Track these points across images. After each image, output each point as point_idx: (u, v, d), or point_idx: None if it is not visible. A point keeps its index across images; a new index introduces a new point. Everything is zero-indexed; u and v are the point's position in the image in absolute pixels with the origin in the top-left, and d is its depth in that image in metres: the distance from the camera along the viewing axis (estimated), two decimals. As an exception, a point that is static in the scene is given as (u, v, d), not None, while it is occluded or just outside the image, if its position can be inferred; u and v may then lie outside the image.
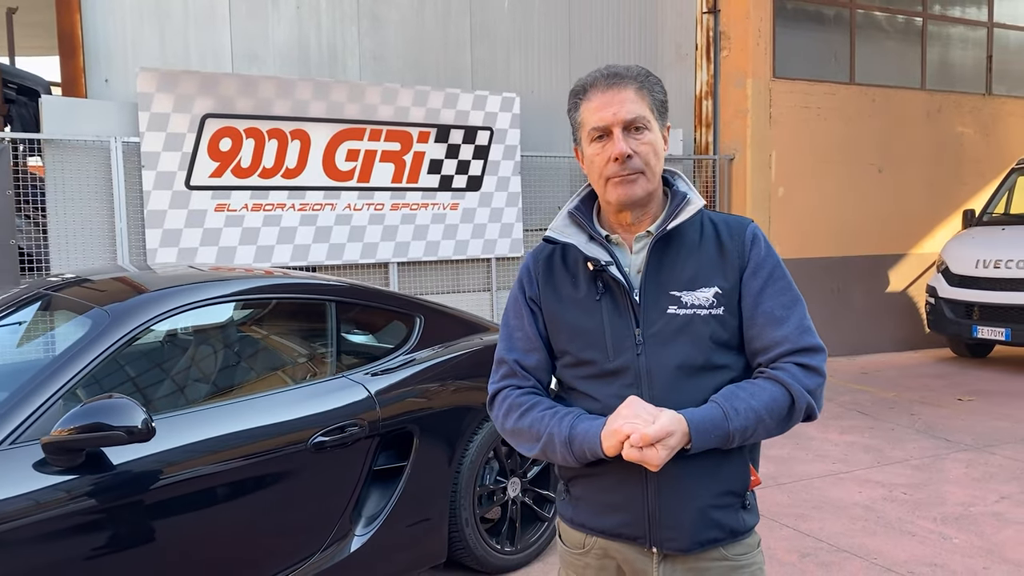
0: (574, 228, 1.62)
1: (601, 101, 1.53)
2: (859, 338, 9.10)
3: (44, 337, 2.83)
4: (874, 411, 6.55)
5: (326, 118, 6.52)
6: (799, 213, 8.73)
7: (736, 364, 1.57)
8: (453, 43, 7.49)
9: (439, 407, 3.33)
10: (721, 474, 1.54)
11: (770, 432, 1.53)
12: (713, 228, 1.60)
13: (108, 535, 2.42)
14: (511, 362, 1.65)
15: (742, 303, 1.56)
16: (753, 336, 1.56)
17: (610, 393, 1.51)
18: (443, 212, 7.06)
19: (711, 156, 8.68)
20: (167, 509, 2.53)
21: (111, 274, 3.30)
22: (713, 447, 1.48)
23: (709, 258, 1.57)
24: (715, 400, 1.50)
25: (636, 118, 1.52)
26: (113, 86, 6.21)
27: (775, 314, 1.55)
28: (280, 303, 3.30)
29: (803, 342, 1.55)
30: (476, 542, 3.41)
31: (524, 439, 1.60)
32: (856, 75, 9.17)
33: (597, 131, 1.53)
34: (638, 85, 1.54)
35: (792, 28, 8.83)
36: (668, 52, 8.56)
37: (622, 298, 1.55)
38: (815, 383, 1.54)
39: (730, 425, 1.47)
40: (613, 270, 1.54)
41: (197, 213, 6.14)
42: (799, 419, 1.56)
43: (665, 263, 1.56)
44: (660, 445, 1.41)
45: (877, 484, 4.76)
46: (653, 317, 1.53)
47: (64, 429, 2.29)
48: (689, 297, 1.53)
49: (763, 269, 1.57)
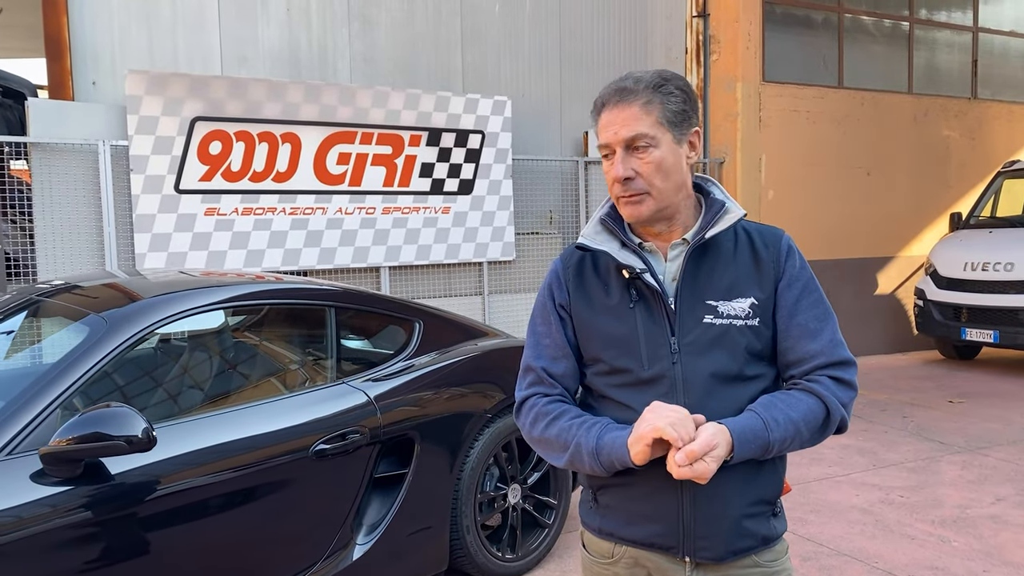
0: (606, 235, 1.61)
1: (607, 119, 1.52)
2: (848, 341, 8.75)
3: (39, 345, 2.77)
4: (867, 414, 6.58)
5: (317, 121, 6.46)
6: (789, 216, 8.75)
7: (768, 374, 1.58)
8: (444, 46, 7.46)
9: (440, 413, 3.29)
10: (756, 483, 1.53)
11: (804, 443, 1.53)
12: (747, 237, 1.60)
13: (107, 547, 2.36)
14: (539, 369, 1.63)
15: (776, 315, 1.56)
16: (787, 348, 1.56)
17: (645, 401, 1.48)
18: (435, 216, 7.02)
19: (701, 159, 8.69)
20: (167, 519, 2.48)
21: (102, 280, 3.24)
22: (751, 457, 1.47)
23: (745, 268, 1.56)
24: (754, 410, 1.49)
25: (636, 136, 1.49)
26: (101, 89, 6.13)
27: (809, 327, 1.56)
28: (279, 309, 3.26)
29: (837, 355, 1.56)
30: (477, 549, 3.38)
31: (551, 449, 1.58)
32: (844, 79, 9.22)
33: (604, 149, 1.53)
34: (646, 99, 1.50)
35: (781, 32, 8.88)
36: (658, 55, 8.56)
37: (657, 306, 1.53)
38: (848, 396, 1.56)
39: (770, 435, 1.46)
40: (648, 277, 1.53)
41: (187, 217, 6.06)
42: (832, 431, 1.56)
43: (702, 272, 1.55)
44: (709, 457, 1.39)
45: (874, 487, 4.76)
46: (689, 326, 1.52)
47: (63, 439, 2.23)
48: (726, 307, 1.53)
49: (798, 282, 1.58)
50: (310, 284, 3.38)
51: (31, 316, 3.07)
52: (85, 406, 2.46)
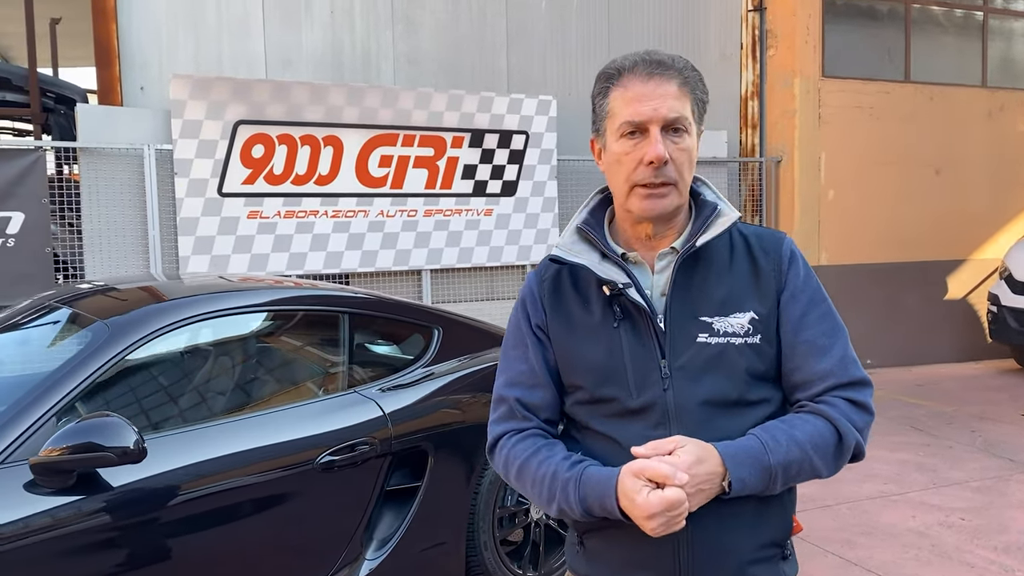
0: (584, 245, 1.43)
1: (640, 91, 1.32)
2: (914, 348, 8.68)
3: (46, 350, 2.75)
4: (930, 426, 6.19)
5: (359, 124, 6.43)
6: (850, 217, 8.37)
7: (775, 398, 1.39)
8: (489, 46, 7.35)
9: (456, 424, 3.17)
10: (763, 523, 1.35)
11: (816, 471, 1.34)
12: (744, 243, 1.41)
13: (103, 561, 2.32)
14: (511, 400, 1.46)
15: (780, 330, 1.38)
16: (793, 368, 1.38)
17: (633, 434, 1.32)
18: (477, 218, 6.92)
19: (757, 159, 8.38)
20: (165, 533, 2.42)
21: (137, 283, 3.23)
22: (753, 490, 1.29)
23: (742, 279, 1.38)
24: (751, 432, 1.33)
25: (678, 118, 1.32)
26: (148, 94, 6.22)
27: (817, 343, 1.37)
28: (290, 316, 3.19)
29: (849, 375, 1.37)
30: (496, 567, 3.24)
31: (533, 497, 1.42)
32: (912, 73, 8.76)
33: (630, 126, 1.33)
34: (682, 80, 1.34)
35: (842, 25, 8.48)
36: (712, 52, 8.29)
37: (644, 325, 1.36)
38: (864, 421, 1.36)
39: (771, 458, 1.29)
40: (633, 293, 1.35)
41: (230, 220, 6.10)
42: (847, 459, 1.37)
43: (694, 284, 1.37)
44: (683, 476, 1.23)
45: (933, 508, 4.45)
46: (681, 347, 1.34)
47: (54, 448, 2.19)
48: (721, 324, 1.35)
49: (803, 293, 1.39)
50: (324, 290, 3.30)
51: (49, 320, 3.07)
52: (87, 413, 2.42)
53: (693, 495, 1.24)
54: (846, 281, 8.37)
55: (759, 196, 8.38)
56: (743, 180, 8.42)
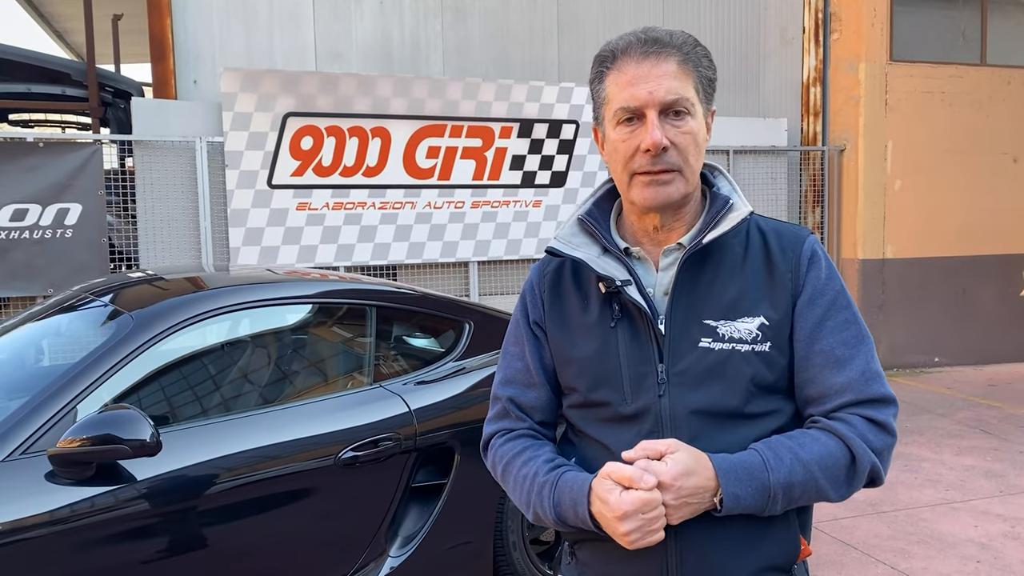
0: (584, 237, 1.34)
1: (634, 74, 1.22)
2: (987, 345, 8.24)
3: (75, 341, 2.79)
4: (1001, 430, 5.86)
5: (407, 115, 6.41)
6: (918, 208, 7.98)
7: (784, 411, 1.27)
8: (539, 35, 7.24)
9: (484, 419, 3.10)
10: (763, 545, 1.24)
11: (824, 494, 1.22)
12: (761, 240, 1.30)
13: (122, 554, 2.32)
14: (504, 399, 1.40)
15: (794, 338, 1.26)
16: (807, 380, 1.26)
17: (625, 441, 1.22)
18: (525, 210, 6.83)
19: (819, 147, 8.05)
20: (185, 528, 2.42)
21: (177, 274, 3.25)
22: (748, 509, 1.18)
23: (755, 279, 1.26)
24: (752, 447, 1.21)
25: (678, 100, 1.22)
26: (201, 87, 6.32)
27: (835, 354, 1.24)
28: (317, 309, 3.16)
29: (870, 391, 1.23)
30: (525, 567, 3.17)
31: (514, 500, 1.35)
32: (988, 55, 8.28)
33: (626, 112, 1.23)
34: (682, 57, 1.23)
35: (913, 5, 8.07)
36: (772, 36, 7.99)
37: (643, 326, 1.26)
38: (883, 443, 1.23)
39: (771, 476, 1.17)
40: (632, 291, 1.25)
41: (279, 212, 6.16)
42: (861, 483, 1.24)
43: (700, 284, 1.26)
44: (671, 487, 1.14)
45: (997, 517, 4.18)
46: (681, 351, 1.24)
47: (72, 440, 2.20)
48: (727, 328, 1.24)
49: (823, 296, 1.26)
50: (352, 283, 3.27)
51: (85, 311, 3.11)
52: (113, 404, 2.43)
53: (677, 507, 1.15)
54: (913, 276, 8.00)
55: (821, 186, 8.06)
56: (804, 170, 8.11)
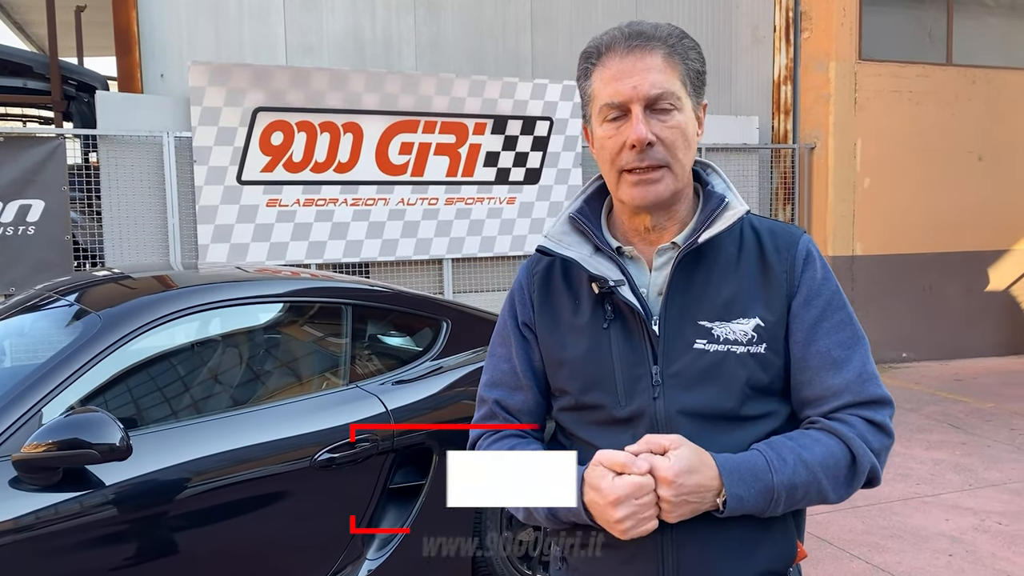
0: (576, 236, 1.32)
1: (618, 69, 1.20)
2: (953, 341, 8.39)
3: (40, 341, 2.70)
4: (968, 424, 5.95)
5: (379, 110, 6.34)
6: (887, 206, 8.09)
7: (779, 413, 1.26)
8: (512, 30, 7.20)
9: (463, 420, 3.06)
10: (760, 549, 1.23)
11: (824, 496, 1.21)
12: (755, 239, 1.28)
13: (91, 561, 2.25)
14: (491, 402, 1.37)
15: (790, 339, 1.25)
16: (803, 382, 1.25)
17: (619, 445, 1.20)
18: (500, 206, 6.80)
19: (790, 145, 8.13)
20: (156, 534, 2.35)
21: (144, 272, 3.16)
22: (750, 510, 1.17)
23: (749, 279, 1.25)
24: (755, 447, 1.20)
25: (662, 94, 1.19)
26: (169, 81, 6.19)
27: (832, 355, 1.23)
28: (290, 308, 3.10)
29: (868, 392, 1.23)
30: (505, 569, 3.14)
31: None
32: (954, 55, 8.42)
33: (611, 108, 1.21)
34: (667, 50, 1.21)
35: (881, 5, 8.17)
36: (744, 35, 8.03)
37: (637, 327, 1.24)
38: (881, 444, 1.23)
39: (775, 478, 1.16)
40: (625, 292, 1.23)
41: (249, 208, 6.06)
42: (860, 484, 1.24)
43: (694, 284, 1.25)
44: (671, 483, 1.12)
45: (967, 511, 4.24)
46: (676, 353, 1.22)
47: (38, 444, 2.13)
48: (722, 329, 1.22)
49: (819, 297, 1.25)
50: (326, 281, 3.21)
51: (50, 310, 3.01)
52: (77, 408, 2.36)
53: (677, 505, 1.13)
54: (882, 272, 8.11)
55: (792, 184, 8.14)
56: (775, 167, 8.18)
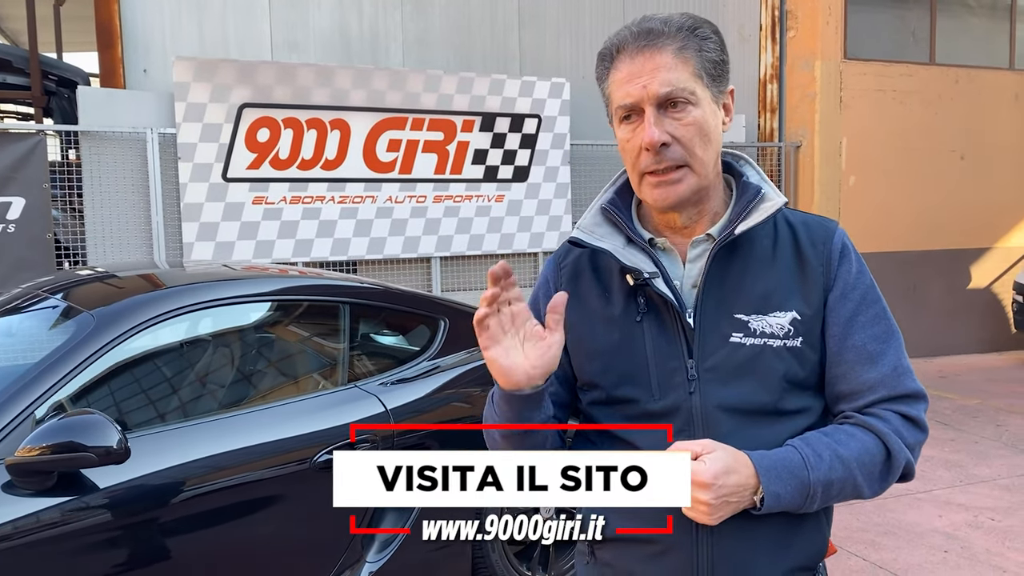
0: (608, 227, 1.30)
1: (629, 71, 1.18)
2: (938, 338, 8.46)
3: (31, 341, 2.62)
4: (955, 421, 6.00)
5: (367, 107, 6.27)
6: (872, 204, 8.14)
7: (815, 408, 1.24)
8: (500, 27, 7.16)
9: (462, 419, 3.02)
10: (794, 545, 1.21)
11: (859, 492, 1.19)
12: (790, 232, 1.26)
13: (86, 567, 2.19)
14: None
15: (826, 333, 1.23)
16: (838, 376, 1.23)
17: (654, 439, 1.19)
18: (488, 204, 6.75)
19: (776, 143, 8.16)
20: (153, 538, 2.30)
21: (131, 271, 3.10)
22: (787, 507, 1.15)
23: (786, 273, 1.23)
24: (790, 443, 1.18)
25: (672, 91, 1.16)
26: (152, 77, 6.08)
27: (867, 349, 1.21)
28: (287, 306, 3.04)
29: (903, 387, 1.21)
30: (504, 569, 3.10)
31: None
32: (937, 55, 8.50)
33: (624, 110, 1.19)
34: (679, 45, 1.18)
35: (866, 5, 8.22)
36: (730, 34, 8.04)
37: (671, 320, 1.22)
38: (915, 439, 1.21)
39: (811, 474, 1.14)
40: (659, 284, 1.21)
41: (234, 206, 5.97)
42: (894, 480, 1.22)
43: (730, 277, 1.22)
44: (710, 486, 1.09)
45: (960, 507, 4.27)
46: (712, 346, 1.20)
47: (32, 448, 2.06)
48: (759, 323, 1.20)
49: (854, 291, 1.23)
50: (322, 279, 3.15)
51: (39, 310, 2.94)
52: (70, 410, 2.29)
53: (717, 507, 1.11)
54: (867, 270, 8.15)
55: (777, 182, 8.16)
56: (761, 165, 8.16)
